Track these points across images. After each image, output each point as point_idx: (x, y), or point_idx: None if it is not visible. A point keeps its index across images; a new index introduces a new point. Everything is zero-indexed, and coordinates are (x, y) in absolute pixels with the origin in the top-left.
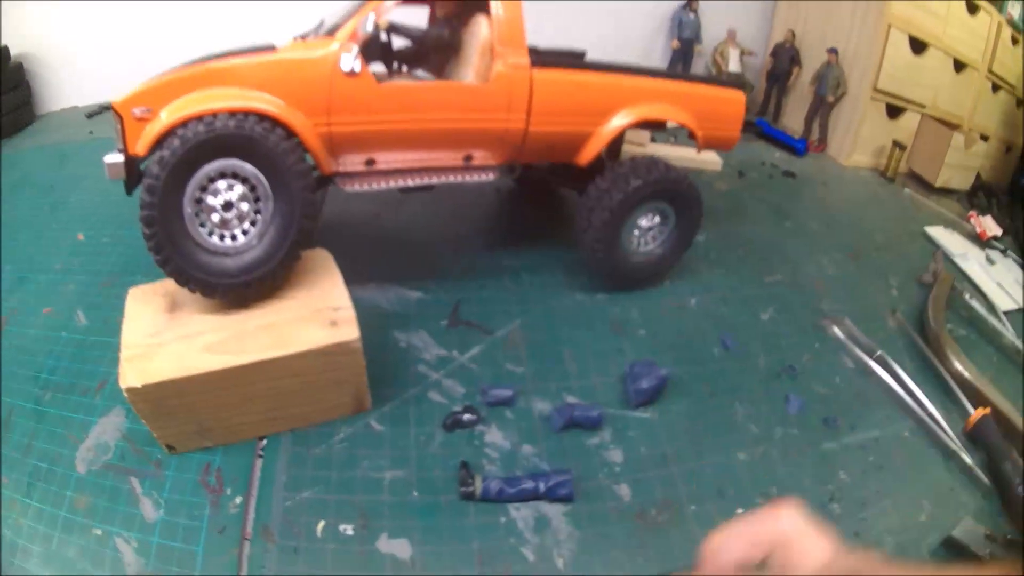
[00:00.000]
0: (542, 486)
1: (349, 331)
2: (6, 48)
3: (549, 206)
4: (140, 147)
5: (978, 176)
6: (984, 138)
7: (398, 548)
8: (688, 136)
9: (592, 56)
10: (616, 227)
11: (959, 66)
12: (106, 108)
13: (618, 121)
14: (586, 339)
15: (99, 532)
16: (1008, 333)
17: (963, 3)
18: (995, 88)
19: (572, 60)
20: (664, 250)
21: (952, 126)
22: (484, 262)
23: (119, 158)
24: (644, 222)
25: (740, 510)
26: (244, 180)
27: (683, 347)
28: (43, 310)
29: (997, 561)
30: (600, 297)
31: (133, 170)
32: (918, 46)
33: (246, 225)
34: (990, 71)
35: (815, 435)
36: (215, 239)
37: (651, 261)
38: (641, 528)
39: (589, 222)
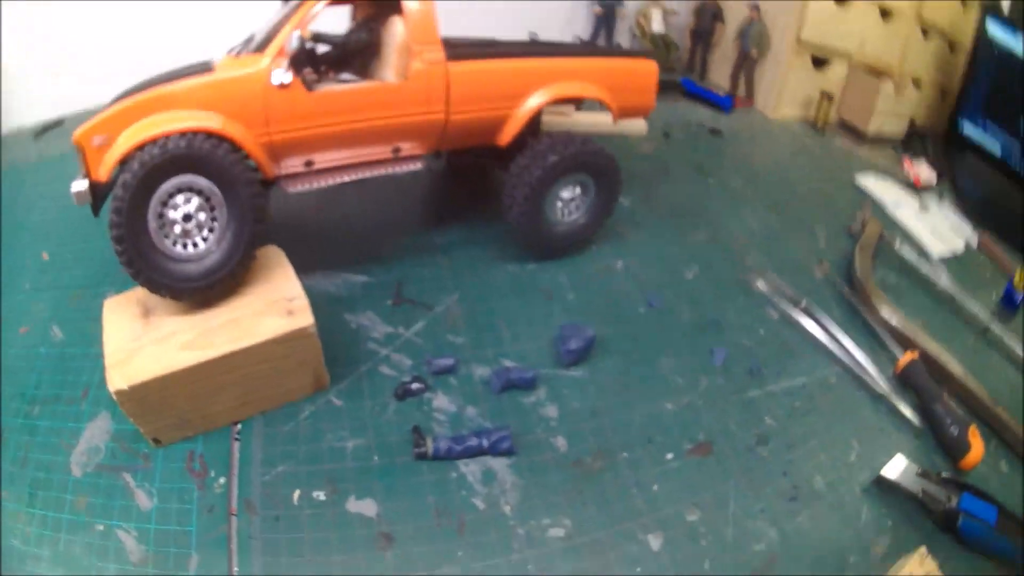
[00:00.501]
0: (485, 442)
1: (304, 318)
2: None
3: (477, 184)
4: (102, 173)
5: (912, 123)
6: (917, 84)
7: (365, 507)
8: (601, 108)
9: (513, 27)
10: (538, 200)
11: (885, 13)
12: (51, 126)
13: (533, 102)
14: (519, 307)
15: (101, 527)
16: (941, 279)
17: None
18: (925, 33)
19: (485, 49)
20: (587, 218)
21: (882, 74)
22: (421, 242)
23: (84, 184)
24: (566, 194)
25: (670, 456)
26: (199, 192)
27: (610, 308)
28: (19, 330)
29: None
30: (530, 267)
31: (98, 194)
32: None
33: (205, 233)
34: (919, 17)
35: (740, 384)
36: (179, 248)
37: (575, 229)
38: (578, 475)
39: (513, 198)
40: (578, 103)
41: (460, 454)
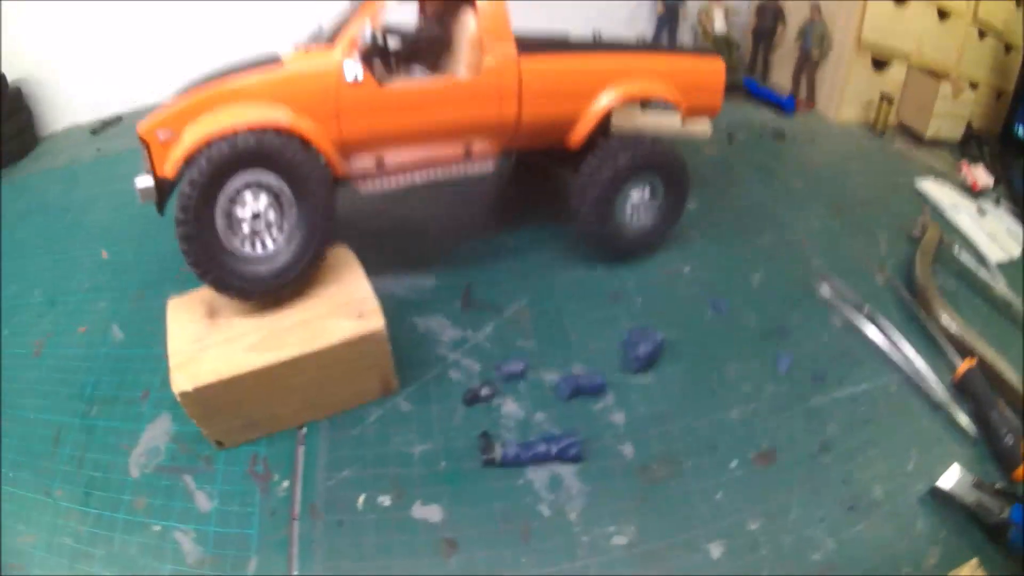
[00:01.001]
0: (554, 449)
1: (375, 321)
2: (3, 76)
3: (545, 186)
4: (168, 169)
5: (969, 125)
6: (973, 86)
7: (430, 513)
8: (670, 108)
9: (577, 26)
10: (609, 202)
11: (943, 14)
12: (110, 123)
13: (604, 100)
14: (587, 310)
15: (158, 528)
16: (998, 285)
17: None
18: (981, 35)
19: (556, 45)
20: (656, 221)
21: (939, 75)
22: (489, 245)
23: (149, 181)
24: (635, 195)
25: (734, 463)
26: (268, 190)
27: (677, 313)
28: (78, 329)
29: None
30: (598, 270)
31: (163, 191)
32: None
33: (274, 232)
34: (975, 17)
35: (804, 391)
36: (247, 248)
37: (644, 232)
38: (643, 482)
39: (583, 199)
40: (644, 104)
41: (528, 460)
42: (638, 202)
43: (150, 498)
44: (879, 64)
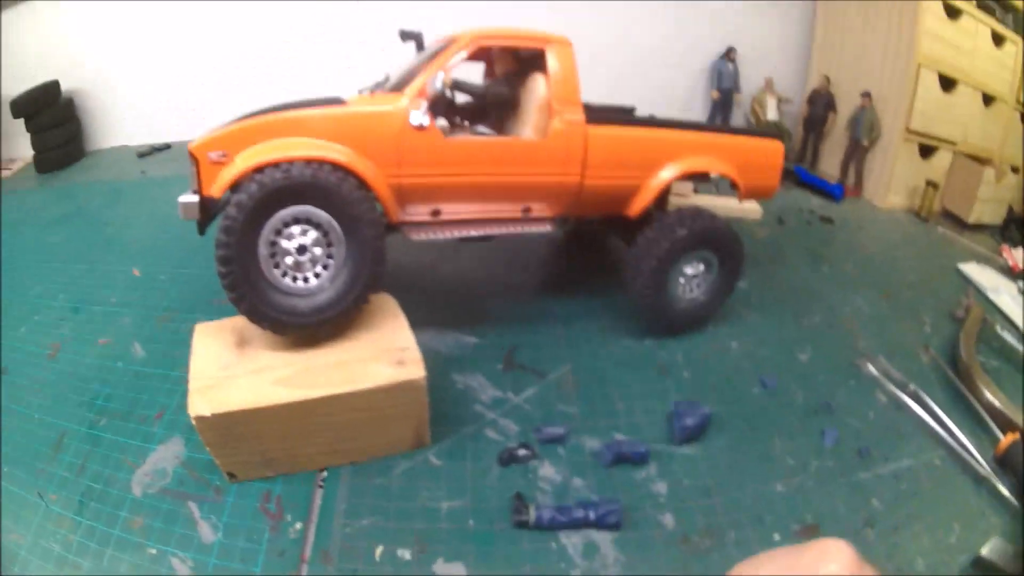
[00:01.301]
0: (592, 514)
1: (416, 370)
2: (57, 83)
3: (597, 256)
4: (215, 190)
5: (1010, 209)
6: (1015, 170)
7: (453, 570)
8: (731, 186)
9: (637, 109)
10: (663, 274)
11: (988, 100)
12: (158, 149)
13: (666, 174)
14: (633, 381)
15: (154, 551)
16: None
17: (989, 36)
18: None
19: (623, 116)
20: (708, 296)
21: (983, 161)
22: (537, 309)
23: (194, 199)
24: (690, 269)
25: (777, 536)
26: (317, 225)
27: (725, 387)
28: (99, 340)
29: None
30: (647, 342)
31: (207, 211)
32: (947, 83)
33: (318, 268)
34: (1018, 101)
35: (849, 466)
36: (288, 280)
37: (696, 307)
38: (684, 553)
39: (638, 270)
40: (696, 185)
41: (565, 525)
42: (691, 277)
43: (149, 519)
44: (925, 151)
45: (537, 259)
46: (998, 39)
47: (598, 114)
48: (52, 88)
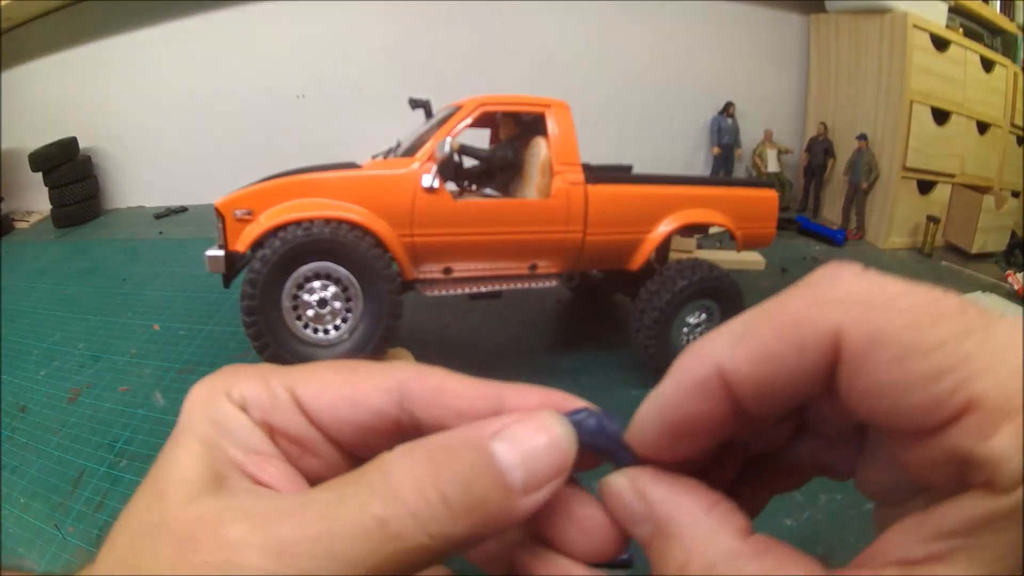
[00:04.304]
0: None
1: None
2: (75, 140)
3: (602, 312)
4: (241, 245)
5: (1013, 234)
6: (1015, 195)
7: None
8: (729, 238)
9: (639, 169)
10: (666, 325)
11: (982, 127)
12: (175, 211)
13: (664, 227)
14: None
15: None
16: None
17: (978, 63)
18: (1020, 141)
19: (620, 174)
20: None
21: (982, 189)
22: (545, 363)
23: (219, 253)
24: (692, 319)
25: None
26: (337, 281)
27: None
28: (119, 388)
29: None
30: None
31: (231, 265)
32: (941, 116)
33: (338, 321)
34: (1013, 124)
35: (860, 498)
36: (309, 332)
37: None
38: None
39: (641, 322)
40: (699, 240)
41: None
42: (694, 326)
43: None
44: (924, 187)
45: (545, 315)
46: (988, 64)
47: (597, 173)
48: (70, 145)
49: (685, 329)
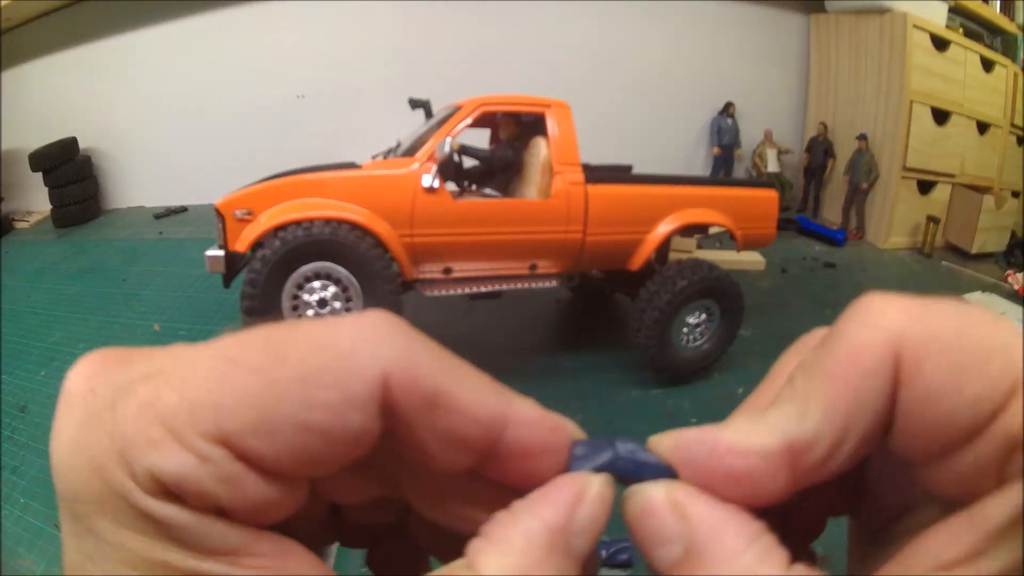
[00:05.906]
0: (603, 552)
1: None
2: (75, 140)
3: (603, 312)
4: (240, 245)
5: (1013, 234)
6: (1015, 195)
7: None
8: (729, 238)
9: (639, 169)
10: (666, 324)
11: (982, 127)
12: (174, 211)
13: (664, 227)
14: (642, 430)
15: None
16: None
17: (978, 63)
18: (1020, 141)
19: (620, 174)
20: (711, 344)
21: (982, 189)
22: (545, 364)
23: (219, 253)
24: (691, 319)
25: None
26: (337, 281)
27: None
28: None
29: None
30: (654, 391)
31: (231, 265)
32: (940, 116)
33: None
34: (1013, 124)
35: None
36: None
37: (700, 355)
38: None
39: (641, 322)
40: (699, 241)
41: None
42: (694, 326)
43: None
44: (924, 187)
45: (546, 316)
46: (987, 64)
47: (597, 173)
48: (70, 145)
49: (685, 329)
